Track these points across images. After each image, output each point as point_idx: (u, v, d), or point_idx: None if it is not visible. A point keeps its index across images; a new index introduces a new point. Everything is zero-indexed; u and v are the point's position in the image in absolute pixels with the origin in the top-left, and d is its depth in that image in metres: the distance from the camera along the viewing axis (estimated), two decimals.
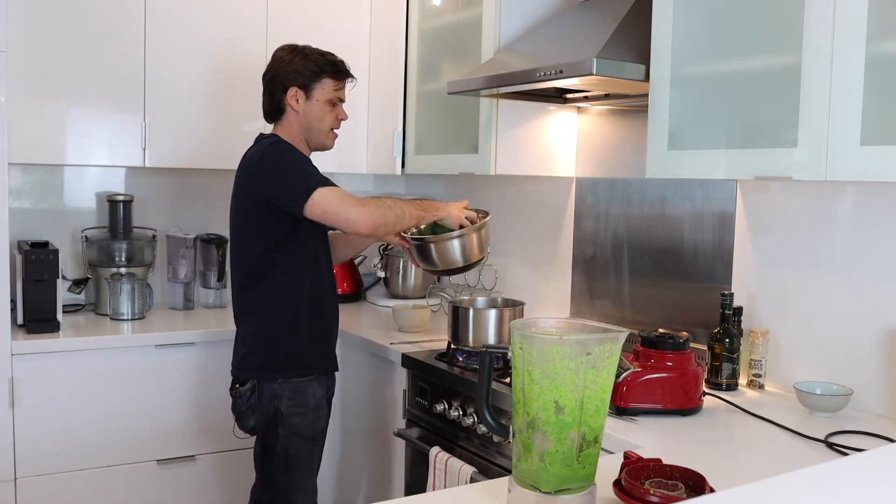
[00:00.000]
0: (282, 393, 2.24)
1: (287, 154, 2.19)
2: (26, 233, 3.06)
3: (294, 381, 2.25)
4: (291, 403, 2.24)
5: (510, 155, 2.70)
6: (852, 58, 1.62)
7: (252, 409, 2.27)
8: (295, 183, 2.12)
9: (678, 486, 1.29)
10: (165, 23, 2.94)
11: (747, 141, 1.86)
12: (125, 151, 2.93)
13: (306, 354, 2.29)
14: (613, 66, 2.03)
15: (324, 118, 2.28)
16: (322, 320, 2.33)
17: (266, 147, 2.21)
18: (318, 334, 2.33)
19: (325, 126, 2.29)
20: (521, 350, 1.22)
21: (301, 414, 2.25)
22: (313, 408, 2.27)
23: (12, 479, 2.57)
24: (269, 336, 2.27)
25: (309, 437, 2.28)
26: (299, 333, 2.27)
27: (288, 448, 2.25)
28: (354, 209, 2.09)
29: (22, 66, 2.71)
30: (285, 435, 2.24)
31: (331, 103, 2.28)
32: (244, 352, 2.30)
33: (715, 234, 2.35)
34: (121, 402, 2.72)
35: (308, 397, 2.26)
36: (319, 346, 2.33)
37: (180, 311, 3.19)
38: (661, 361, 1.94)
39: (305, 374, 2.27)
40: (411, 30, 3.09)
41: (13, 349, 2.54)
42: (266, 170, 2.16)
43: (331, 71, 2.27)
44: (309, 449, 2.29)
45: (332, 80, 2.27)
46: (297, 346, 2.27)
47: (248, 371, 2.28)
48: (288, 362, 2.26)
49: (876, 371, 1.97)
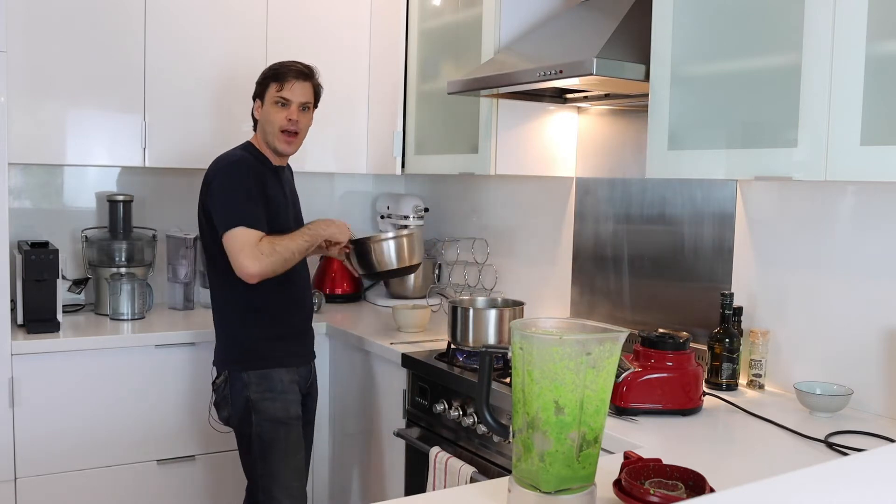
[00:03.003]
0: (250, 381, 2.35)
1: (235, 180, 2.32)
2: (26, 233, 3.06)
3: (260, 370, 2.36)
4: (260, 389, 2.35)
5: (510, 155, 2.70)
6: (852, 58, 1.62)
7: (226, 400, 2.39)
8: (226, 211, 2.28)
9: (678, 486, 1.29)
10: (165, 23, 2.94)
11: (747, 141, 1.86)
12: (125, 151, 2.93)
13: (267, 350, 2.39)
14: (613, 66, 2.03)
15: (271, 119, 2.39)
16: (282, 320, 2.43)
17: (226, 165, 2.36)
18: (280, 333, 2.42)
19: (273, 127, 2.39)
20: (521, 350, 1.22)
21: (270, 399, 2.35)
22: (280, 392, 2.37)
23: (12, 479, 2.57)
24: (231, 332, 2.41)
25: (282, 422, 2.36)
26: (258, 331, 2.39)
27: (261, 434, 2.34)
28: (246, 260, 2.23)
29: (22, 66, 2.71)
30: (257, 421, 2.34)
31: (276, 104, 2.38)
32: (217, 345, 2.47)
33: (715, 234, 2.35)
34: (121, 402, 2.72)
35: (275, 382, 2.36)
36: (282, 345, 2.42)
37: (180, 311, 3.19)
38: (661, 361, 1.94)
39: (269, 364, 2.38)
40: (411, 30, 3.09)
41: (13, 349, 2.54)
42: (214, 187, 2.32)
43: (272, 75, 2.41)
44: (283, 433, 2.36)
45: (275, 82, 2.39)
46: (257, 343, 2.38)
47: (220, 363, 2.43)
48: (250, 354, 2.38)
49: (876, 371, 1.97)
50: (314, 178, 3.55)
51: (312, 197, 3.47)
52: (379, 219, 3.60)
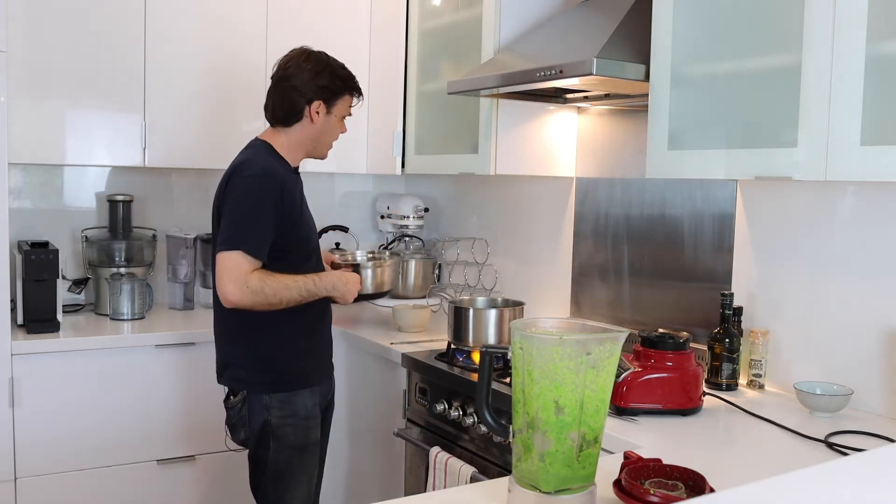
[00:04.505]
0: (272, 404, 2.19)
1: (253, 197, 2.12)
2: (26, 233, 3.06)
3: (284, 392, 2.21)
4: (281, 414, 2.20)
5: (510, 155, 2.70)
6: (852, 58, 1.62)
7: (243, 422, 2.23)
8: (233, 228, 2.10)
9: (678, 486, 1.29)
10: (165, 23, 2.94)
11: (747, 141, 1.86)
12: (125, 151, 2.93)
13: (297, 369, 2.24)
14: (613, 66, 2.03)
15: (334, 132, 2.30)
16: (313, 334, 2.30)
17: (249, 177, 2.14)
18: (309, 349, 2.28)
19: (332, 139, 2.31)
20: (521, 350, 1.22)
21: (291, 425, 2.21)
22: (303, 417, 2.22)
23: (12, 479, 2.57)
24: (254, 347, 2.22)
25: (299, 448, 2.22)
26: (290, 347, 2.23)
27: (278, 460, 2.21)
28: (230, 286, 2.06)
29: (22, 66, 2.71)
30: (276, 447, 2.20)
31: (343, 118, 2.31)
32: (228, 359, 2.27)
33: (715, 234, 2.35)
34: (121, 402, 2.72)
35: (299, 407, 2.22)
36: (311, 360, 2.29)
37: (180, 311, 3.19)
38: (661, 361, 1.94)
39: (296, 385, 2.23)
40: (411, 30, 3.09)
41: (13, 349, 2.54)
42: (232, 201, 2.13)
43: (353, 88, 2.29)
44: (299, 460, 2.23)
45: (352, 97, 2.30)
46: (286, 362, 2.22)
47: (236, 382, 2.25)
48: (276, 375, 2.22)
49: (876, 371, 1.97)
50: (314, 179, 3.55)
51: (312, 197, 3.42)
52: (379, 219, 3.60)
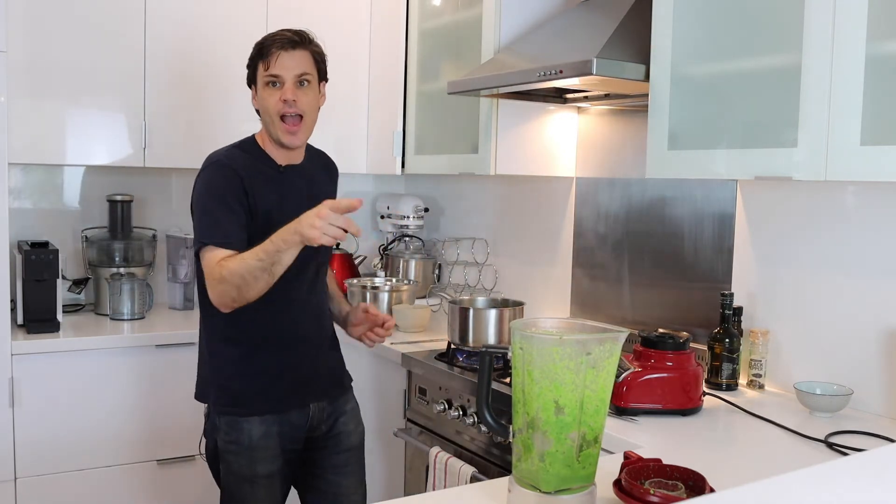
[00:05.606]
0: (220, 426, 2.01)
1: (206, 188, 1.94)
2: (26, 233, 3.06)
3: (229, 416, 2.00)
4: (227, 439, 1.99)
5: (510, 155, 2.70)
6: (852, 58, 1.62)
7: (205, 435, 2.09)
8: (198, 222, 1.93)
9: (678, 486, 1.29)
10: (166, 23, 2.94)
11: (747, 141, 1.86)
12: (125, 151, 2.93)
13: (238, 392, 2.01)
14: (613, 66, 2.03)
15: (266, 105, 1.99)
16: (265, 355, 2.01)
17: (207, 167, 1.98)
18: (261, 372, 2.01)
19: (270, 115, 1.98)
20: (521, 350, 1.22)
21: (234, 452, 1.99)
22: (247, 447, 1.98)
23: (12, 479, 2.57)
24: (202, 363, 2.09)
25: (247, 478, 1.99)
26: (233, 369, 2.01)
27: (227, 485, 2.02)
28: (213, 287, 1.85)
29: (22, 66, 2.71)
30: (224, 471, 2.02)
31: (268, 85, 1.98)
32: (199, 373, 2.12)
33: (715, 234, 2.35)
34: (121, 402, 2.72)
35: (243, 435, 1.98)
36: (261, 385, 2.01)
37: (180, 311, 3.19)
38: (661, 361, 1.94)
39: (240, 412, 2.00)
40: (411, 30, 3.09)
41: (13, 349, 2.54)
42: (193, 200, 1.99)
43: (257, 53, 2.01)
44: (249, 489, 2.00)
45: (261, 60, 1.99)
46: (229, 381, 2.01)
47: (202, 395, 2.10)
48: (220, 395, 2.02)
49: (876, 371, 1.97)
50: None
51: None
52: (379, 219, 3.60)
